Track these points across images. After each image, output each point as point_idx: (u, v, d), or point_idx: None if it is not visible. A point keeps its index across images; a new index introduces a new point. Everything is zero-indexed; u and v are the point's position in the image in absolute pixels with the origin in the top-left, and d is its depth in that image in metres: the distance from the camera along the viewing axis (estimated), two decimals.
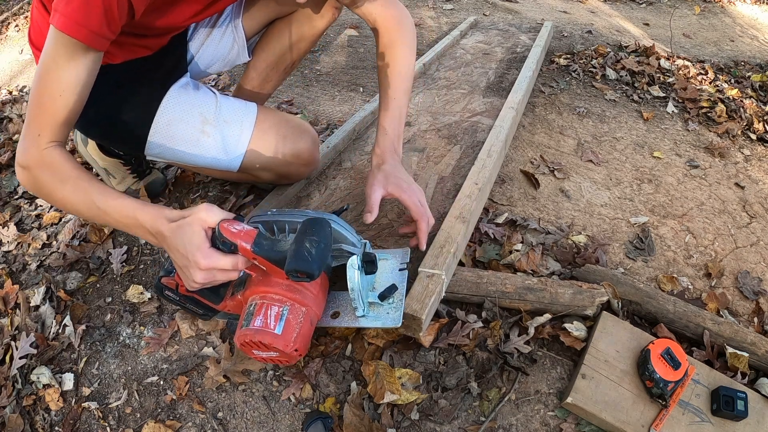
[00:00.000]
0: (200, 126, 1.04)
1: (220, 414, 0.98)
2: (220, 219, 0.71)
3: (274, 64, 1.29)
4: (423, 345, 1.03)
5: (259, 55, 1.28)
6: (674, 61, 2.47)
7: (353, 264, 0.80)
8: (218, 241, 0.73)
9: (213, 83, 2.12)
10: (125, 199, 0.75)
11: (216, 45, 1.20)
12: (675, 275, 1.28)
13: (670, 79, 2.25)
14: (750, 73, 2.56)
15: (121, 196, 0.76)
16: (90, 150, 1.36)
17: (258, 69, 1.30)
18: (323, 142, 1.43)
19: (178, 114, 1.05)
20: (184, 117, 1.05)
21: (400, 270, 0.94)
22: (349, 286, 0.81)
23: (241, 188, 1.45)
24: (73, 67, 0.76)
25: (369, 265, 0.84)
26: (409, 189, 0.97)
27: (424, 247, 0.99)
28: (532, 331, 1.06)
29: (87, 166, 1.61)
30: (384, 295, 0.88)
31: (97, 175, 1.56)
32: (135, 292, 1.18)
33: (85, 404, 1.00)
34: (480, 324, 1.08)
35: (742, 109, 2.04)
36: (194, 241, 0.69)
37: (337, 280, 0.95)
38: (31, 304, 1.18)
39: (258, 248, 0.73)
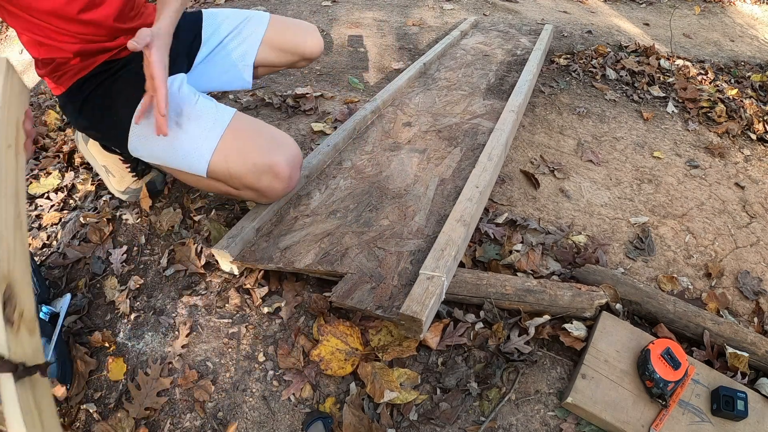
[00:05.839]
0: (175, 118, 1.03)
1: (220, 414, 0.98)
2: None
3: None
4: (431, 347, 1.03)
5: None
6: (674, 61, 2.47)
7: None
8: None
9: None
10: None
11: (221, 74, 1.31)
12: (675, 275, 1.28)
13: (670, 79, 2.25)
14: (750, 73, 2.55)
15: None
16: (90, 147, 1.36)
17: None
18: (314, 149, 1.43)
19: None
20: None
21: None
22: None
23: None
24: None
25: None
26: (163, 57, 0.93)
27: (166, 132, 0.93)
28: (532, 331, 1.06)
29: (88, 166, 1.61)
30: None
31: (96, 175, 1.56)
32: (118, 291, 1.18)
33: (83, 406, 1.00)
34: (480, 325, 1.08)
35: (742, 109, 2.04)
36: None
37: None
38: None
39: None
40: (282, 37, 1.33)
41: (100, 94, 1.07)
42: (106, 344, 1.10)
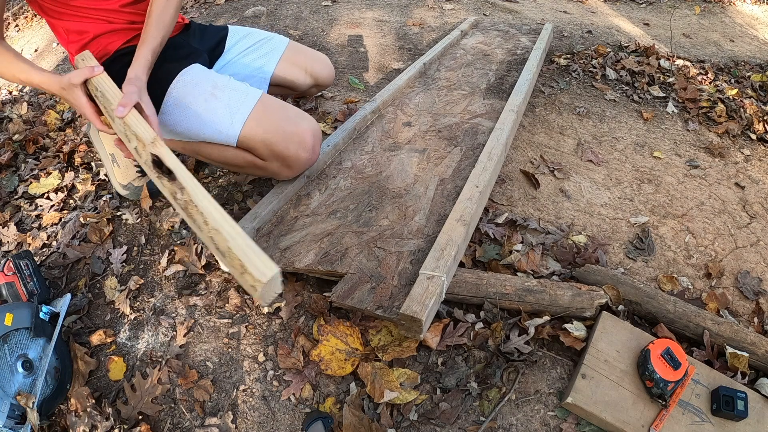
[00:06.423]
0: (210, 89, 1.13)
1: (220, 414, 0.98)
2: (83, 78, 0.96)
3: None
4: (431, 347, 1.03)
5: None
6: (674, 61, 2.47)
7: None
8: None
9: None
10: (32, 72, 1.01)
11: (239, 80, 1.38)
12: (675, 275, 1.28)
13: (670, 79, 2.25)
14: (750, 73, 2.55)
15: (31, 70, 1.01)
16: (101, 135, 1.37)
17: None
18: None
19: (193, 80, 1.14)
20: (199, 82, 1.14)
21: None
22: None
23: (244, 187, 1.45)
24: None
25: None
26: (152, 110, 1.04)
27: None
28: (532, 331, 1.06)
29: (88, 166, 1.61)
30: None
31: (97, 174, 1.56)
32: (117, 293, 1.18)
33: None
34: (480, 325, 1.08)
35: (742, 109, 2.03)
36: (77, 102, 0.99)
37: None
38: None
39: None
40: (299, 57, 1.47)
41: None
42: (108, 340, 1.10)
